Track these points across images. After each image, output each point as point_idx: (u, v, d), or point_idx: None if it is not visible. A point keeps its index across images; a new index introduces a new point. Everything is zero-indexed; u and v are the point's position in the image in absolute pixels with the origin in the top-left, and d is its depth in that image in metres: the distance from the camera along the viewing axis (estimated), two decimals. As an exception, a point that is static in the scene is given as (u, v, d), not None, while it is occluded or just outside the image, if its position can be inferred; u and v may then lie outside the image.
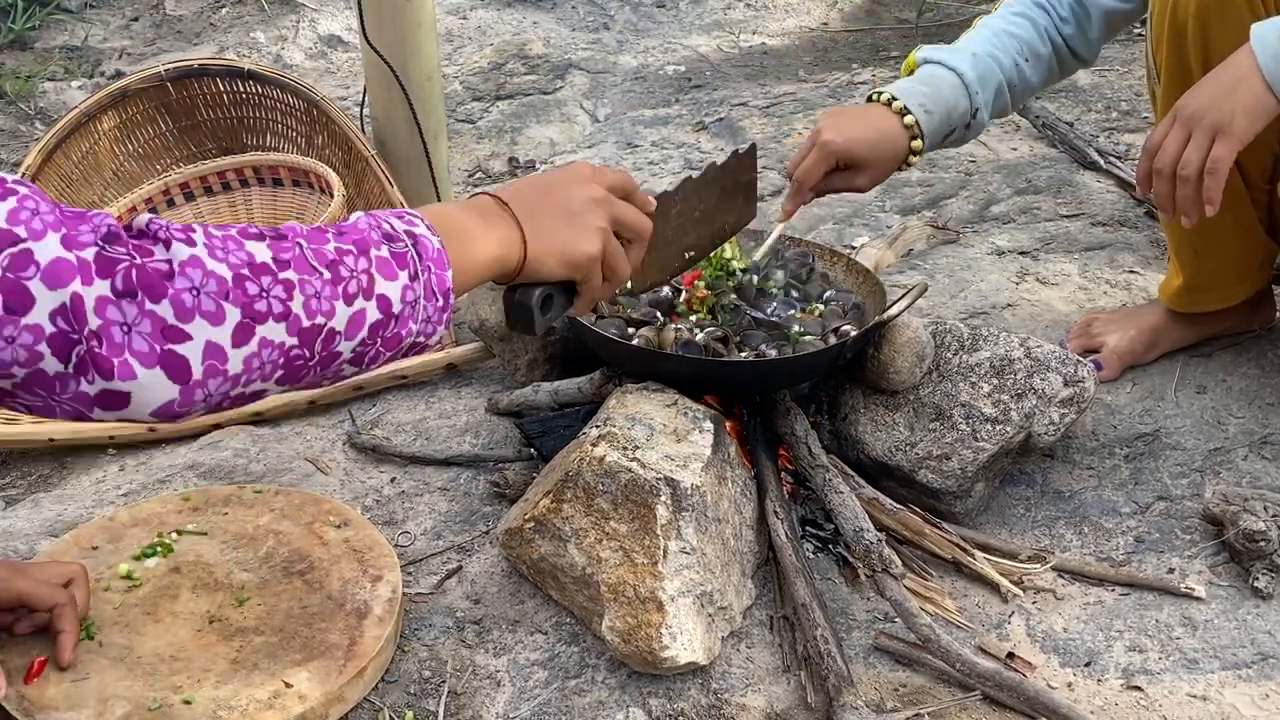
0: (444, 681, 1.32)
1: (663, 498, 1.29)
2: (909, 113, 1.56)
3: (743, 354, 1.51)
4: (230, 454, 1.71)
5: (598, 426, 1.39)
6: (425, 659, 1.35)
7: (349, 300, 0.92)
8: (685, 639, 1.26)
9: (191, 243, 0.86)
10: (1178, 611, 1.41)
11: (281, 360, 0.90)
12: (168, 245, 0.85)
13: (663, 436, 1.37)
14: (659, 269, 1.33)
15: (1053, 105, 2.85)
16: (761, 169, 2.59)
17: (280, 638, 1.30)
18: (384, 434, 1.78)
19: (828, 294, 1.67)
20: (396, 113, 2.13)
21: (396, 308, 0.95)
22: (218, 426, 1.79)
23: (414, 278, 0.97)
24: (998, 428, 1.50)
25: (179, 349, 0.84)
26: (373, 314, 0.94)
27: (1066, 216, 2.36)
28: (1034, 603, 1.43)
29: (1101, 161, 2.52)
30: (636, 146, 2.84)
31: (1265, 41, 1.33)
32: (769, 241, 1.67)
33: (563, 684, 1.31)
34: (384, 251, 0.95)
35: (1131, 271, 2.14)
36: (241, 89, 2.23)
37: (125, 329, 0.81)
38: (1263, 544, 1.42)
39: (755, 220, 1.57)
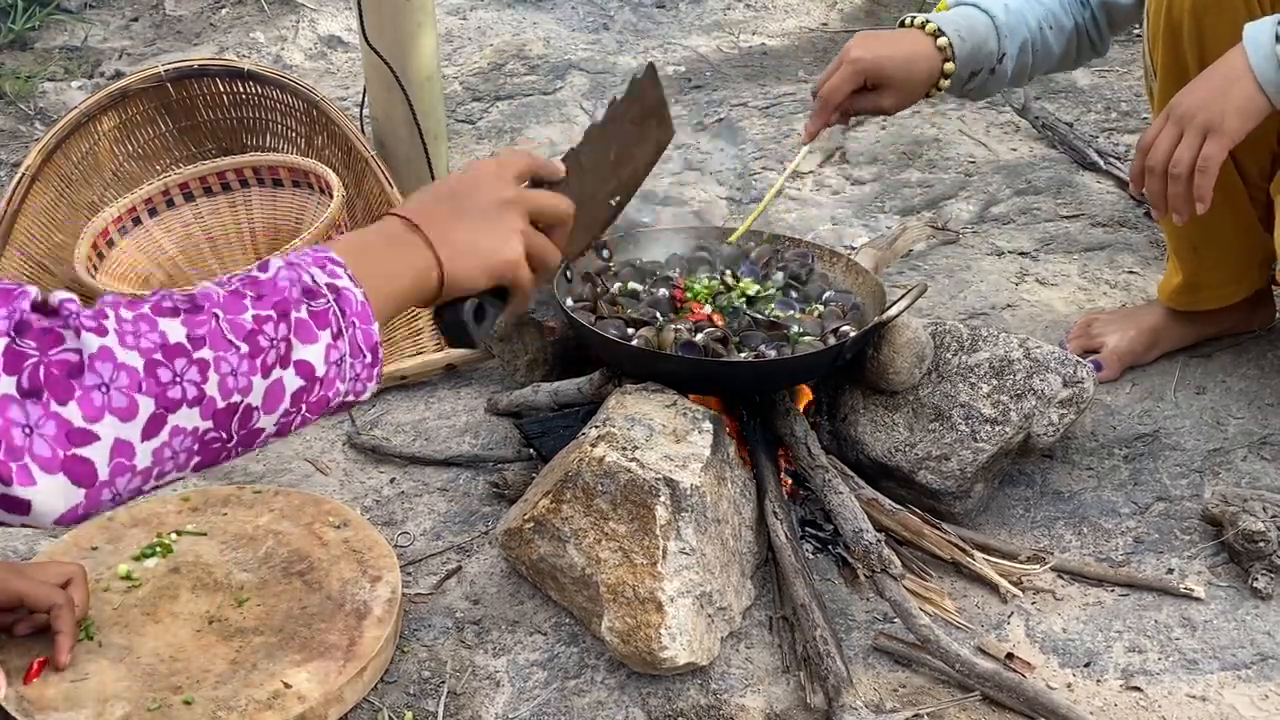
0: (443, 682, 1.32)
1: (662, 498, 1.29)
2: (943, 34, 1.55)
3: (742, 354, 1.51)
4: (230, 454, 1.71)
5: (597, 427, 1.39)
6: (425, 659, 1.35)
7: (267, 372, 0.87)
8: (684, 639, 1.26)
9: (103, 331, 0.81)
10: (1177, 612, 1.41)
11: (196, 446, 0.86)
12: (78, 333, 0.80)
13: (662, 437, 1.37)
14: (586, 229, 1.25)
15: (1052, 106, 2.85)
16: (760, 169, 2.59)
17: (279, 638, 1.30)
18: (383, 434, 1.78)
19: (827, 294, 1.67)
20: (396, 113, 2.13)
21: (320, 370, 0.90)
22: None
23: (337, 335, 0.91)
24: (997, 428, 1.50)
25: (84, 452, 0.79)
26: (293, 382, 0.89)
27: (1066, 217, 2.36)
28: (1033, 603, 1.43)
29: (1101, 162, 2.52)
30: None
31: (1257, 42, 1.33)
32: (794, 163, 1.68)
33: (562, 684, 1.31)
34: (304, 312, 0.90)
35: (1131, 272, 2.14)
36: (241, 89, 2.23)
37: (27, 431, 0.77)
38: (1262, 544, 1.42)
39: (775, 147, 1.54)
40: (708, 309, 1.57)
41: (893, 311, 1.49)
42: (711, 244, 1.76)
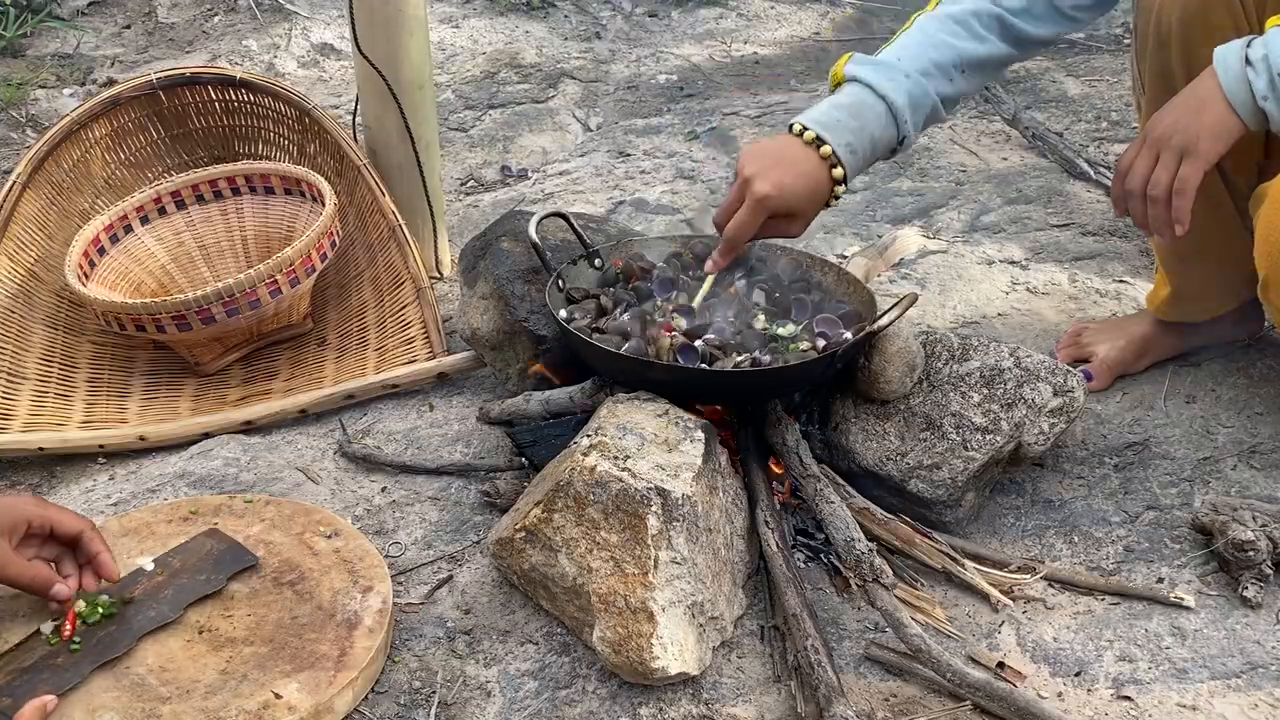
0: (434, 692, 1.31)
1: (653, 507, 1.29)
2: (837, 161, 1.51)
3: (739, 358, 1.51)
4: (221, 463, 1.70)
5: (589, 436, 1.39)
6: (416, 669, 1.35)
7: None
8: (676, 649, 1.26)
9: None
10: (1167, 621, 1.41)
11: None
12: None
13: (654, 446, 1.37)
14: None
15: (1042, 115, 2.87)
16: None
17: (270, 648, 1.29)
18: (375, 443, 1.77)
19: (820, 301, 1.66)
20: (389, 121, 2.13)
21: None
22: (208, 435, 1.78)
23: None
24: (988, 437, 1.51)
25: None
26: None
27: (1056, 226, 2.37)
28: (1024, 612, 1.43)
29: (1091, 171, 2.53)
30: (628, 155, 2.85)
31: (1227, 64, 1.35)
32: (703, 290, 1.62)
33: (553, 694, 1.31)
34: None
35: (1121, 281, 2.15)
36: (233, 97, 2.23)
37: None
38: (1251, 554, 1.42)
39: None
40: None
41: (884, 321, 1.50)
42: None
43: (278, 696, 1.22)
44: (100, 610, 1.32)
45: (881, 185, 2.59)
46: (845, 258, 2.22)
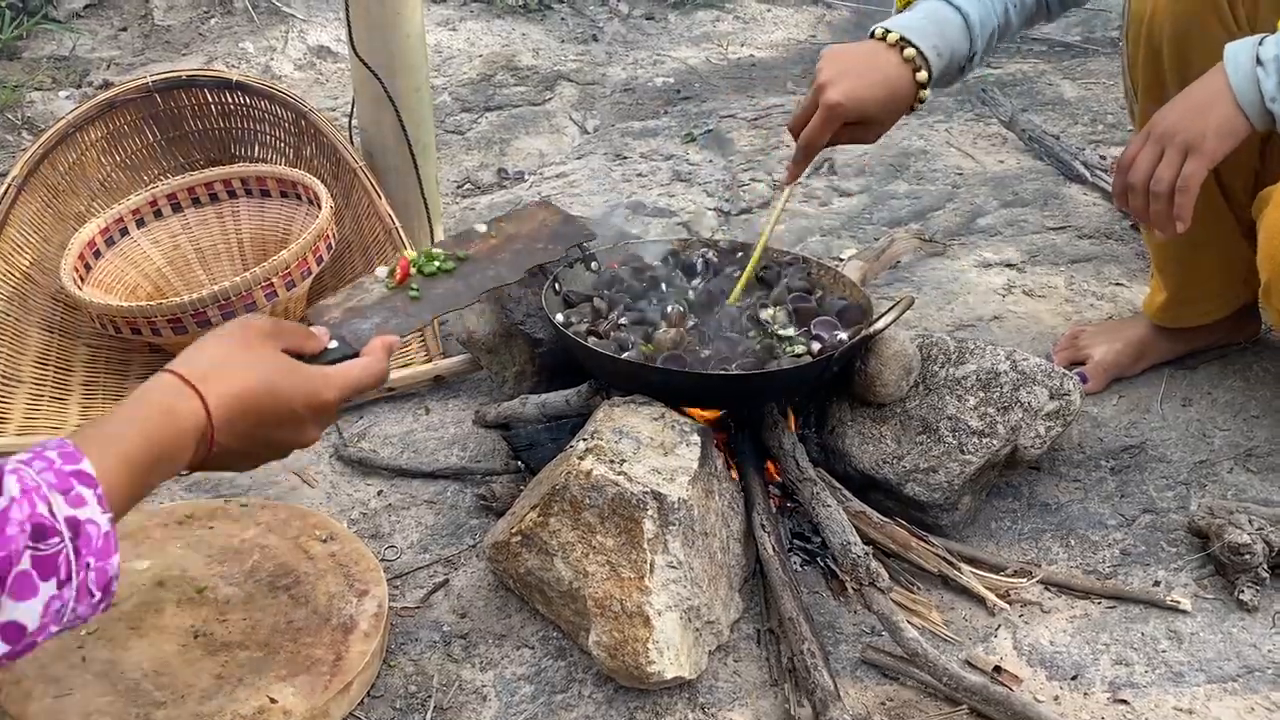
0: (430, 696, 1.31)
1: (649, 511, 1.29)
2: (921, 63, 1.46)
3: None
4: (216, 467, 1.70)
5: (585, 440, 1.39)
6: (411, 674, 1.34)
7: None
8: (672, 653, 1.26)
9: None
10: (1163, 624, 1.41)
11: None
12: None
13: (650, 450, 1.37)
14: None
15: (1039, 118, 2.87)
16: (749, 180, 2.60)
17: (265, 653, 1.29)
18: (371, 446, 1.77)
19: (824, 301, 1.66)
20: (385, 124, 2.13)
21: (33, 626, 0.80)
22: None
23: (64, 583, 0.81)
24: (984, 441, 1.51)
25: None
26: None
27: (1053, 229, 2.37)
28: (1021, 615, 1.43)
29: (1088, 174, 2.53)
30: (625, 158, 2.85)
31: (1237, 62, 1.33)
32: (780, 204, 1.60)
33: (549, 699, 1.30)
34: (26, 563, 0.78)
35: (1118, 284, 2.16)
36: (229, 100, 2.23)
37: None
38: (1248, 557, 1.42)
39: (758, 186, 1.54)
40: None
41: (880, 324, 1.50)
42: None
43: (273, 701, 1.22)
44: (436, 263, 1.25)
45: (878, 188, 2.59)
46: (842, 260, 2.22)
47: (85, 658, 1.27)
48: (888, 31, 1.48)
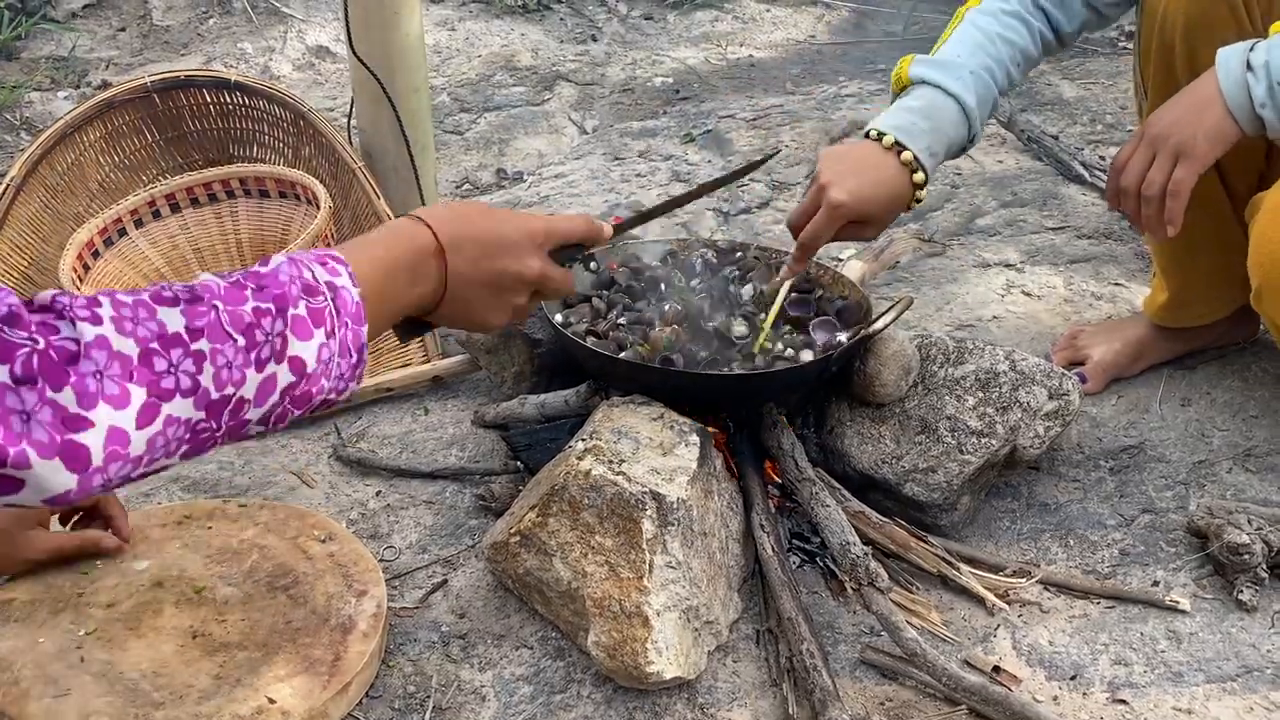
0: (429, 697, 1.31)
1: (648, 512, 1.29)
2: (917, 166, 1.46)
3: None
4: (215, 467, 1.70)
5: (584, 440, 1.38)
6: (410, 674, 1.34)
7: (261, 366, 0.90)
8: (671, 654, 1.26)
9: (98, 320, 0.82)
10: (1163, 624, 1.41)
11: (187, 435, 0.88)
12: (73, 323, 0.81)
13: (649, 450, 1.37)
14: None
15: (1038, 118, 2.87)
16: (748, 180, 2.60)
17: (264, 653, 1.29)
18: (369, 447, 1.77)
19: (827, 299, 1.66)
20: (384, 124, 2.13)
21: (310, 367, 0.93)
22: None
23: (330, 335, 0.94)
24: (983, 441, 1.51)
25: (79, 438, 0.80)
26: (285, 377, 0.92)
27: (1052, 229, 2.37)
28: (1020, 616, 1.43)
29: (1087, 174, 2.53)
30: (624, 158, 2.85)
31: (1228, 68, 1.34)
32: (780, 298, 1.58)
33: (548, 699, 1.30)
34: (301, 309, 0.92)
35: (1116, 284, 2.16)
36: (228, 100, 2.23)
37: (24, 417, 0.79)
38: (1247, 557, 1.42)
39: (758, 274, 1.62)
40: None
41: (879, 324, 1.49)
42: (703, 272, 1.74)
43: (271, 701, 1.22)
44: None
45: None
46: (841, 260, 2.22)
47: (83, 658, 1.27)
48: (882, 134, 1.47)
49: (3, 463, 0.78)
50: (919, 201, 1.50)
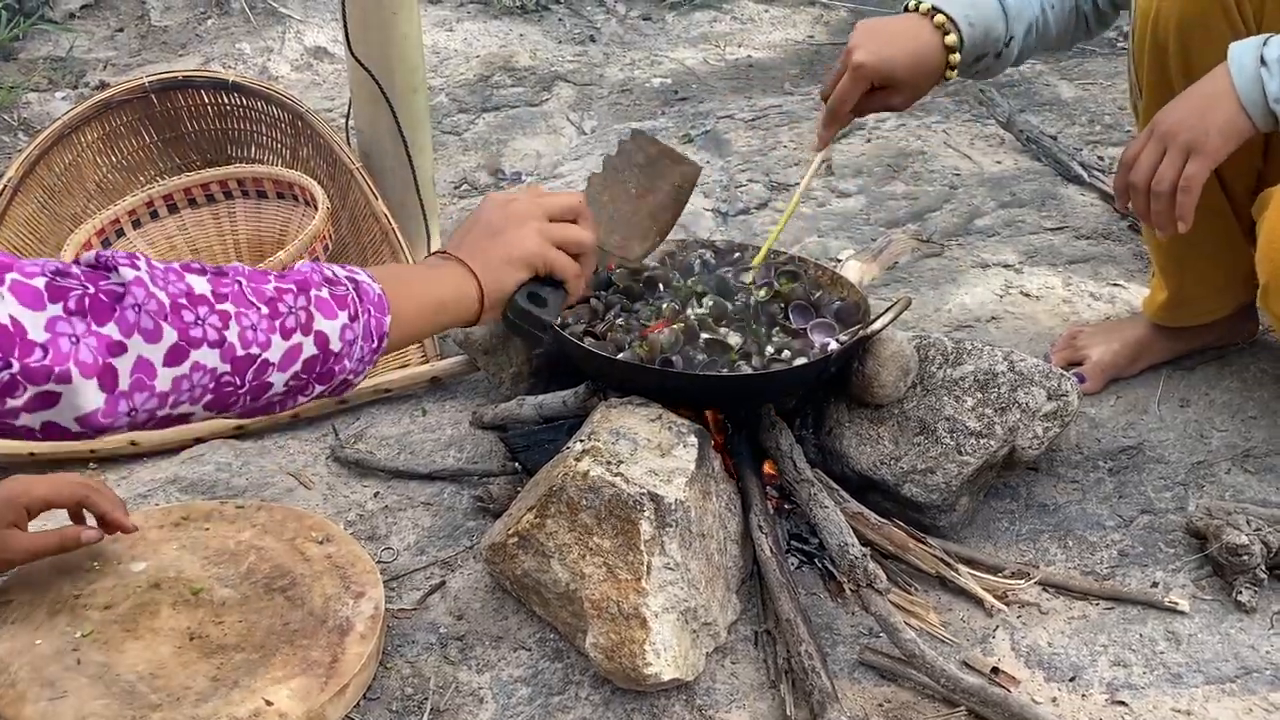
0: (426, 699, 1.31)
1: (646, 513, 1.29)
2: (951, 28, 1.48)
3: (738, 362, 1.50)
4: (212, 468, 1.70)
5: (582, 441, 1.38)
6: (408, 676, 1.34)
7: (286, 335, 0.96)
8: (669, 655, 1.25)
9: (136, 267, 0.91)
10: (1161, 626, 1.41)
11: (211, 385, 0.94)
12: (117, 269, 0.90)
13: (647, 451, 1.37)
14: (639, 237, 1.43)
15: (1036, 119, 2.87)
16: (746, 181, 2.60)
17: (261, 655, 1.29)
18: (367, 448, 1.77)
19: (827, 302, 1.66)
20: (382, 125, 2.12)
21: (335, 345, 0.99)
22: (200, 440, 1.78)
23: (354, 318, 1.01)
24: (982, 441, 1.50)
25: (114, 362, 0.88)
26: (309, 349, 0.98)
27: (1050, 229, 2.37)
28: (1019, 617, 1.43)
29: (1085, 175, 2.53)
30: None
31: (1241, 63, 1.33)
32: (812, 169, 1.61)
33: (546, 701, 1.30)
34: (324, 293, 1.00)
35: (1115, 284, 2.15)
36: (226, 101, 2.22)
37: (74, 340, 0.87)
38: (1246, 558, 1.42)
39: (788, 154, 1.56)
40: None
41: (878, 325, 1.49)
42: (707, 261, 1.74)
43: (269, 703, 1.21)
44: None
45: (876, 189, 2.59)
46: (839, 261, 2.22)
47: (80, 660, 1.27)
48: (919, 2, 1.50)
49: (49, 377, 0.85)
50: (952, 69, 1.51)
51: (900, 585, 1.44)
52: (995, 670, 1.34)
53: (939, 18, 1.49)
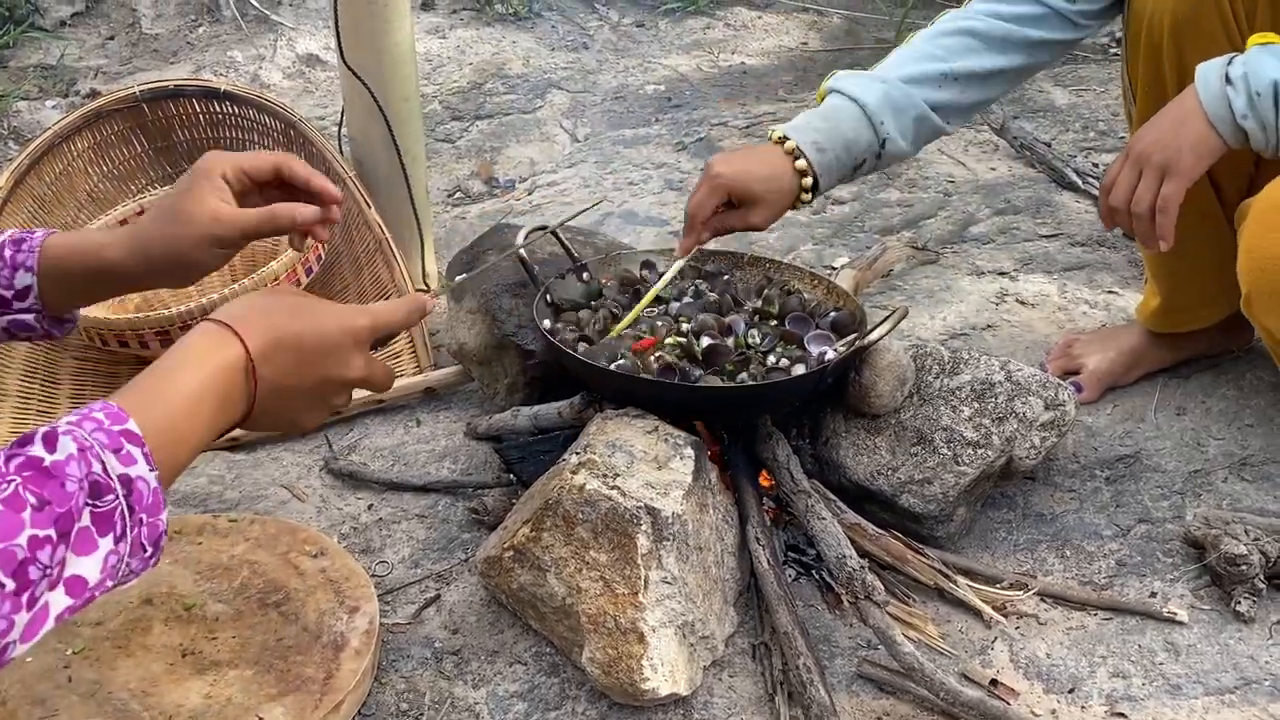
0: (422, 714, 1.30)
1: (643, 527, 1.28)
2: (801, 154, 1.55)
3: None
4: (205, 480, 1.68)
5: (578, 454, 1.37)
6: (403, 691, 1.33)
7: (33, 604, 0.78)
8: (667, 670, 1.24)
9: None
10: (1160, 636, 1.40)
11: None
12: None
13: (643, 464, 1.36)
14: None
15: (1030, 125, 2.87)
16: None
17: (255, 671, 1.27)
18: (361, 459, 1.75)
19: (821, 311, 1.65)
20: (374, 133, 2.11)
21: (93, 581, 0.82)
22: (192, 452, 1.76)
23: (119, 539, 0.83)
24: (979, 451, 1.50)
25: None
26: (60, 602, 0.80)
27: (1045, 236, 2.37)
28: (1017, 628, 1.42)
29: (1080, 181, 2.53)
30: (616, 167, 2.84)
31: (1207, 81, 1.36)
32: (669, 274, 1.63)
33: (542, 716, 1.29)
34: (86, 520, 0.80)
35: (1110, 291, 2.15)
36: (218, 110, 2.21)
37: None
38: (1244, 568, 1.42)
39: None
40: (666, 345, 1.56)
41: (875, 335, 1.49)
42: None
43: (262, 721, 1.20)
44: None
45: (870, 196, 2.59)
46: (834, 269, 2.22)
47: (71, 678, 1.26)
48: (773, 131, 1.59)
49: None
50: (808, 193, 1.57)
51: (898, 597, 1.43)
52: (994, 682, 1.33)
53: (789, 144, 1.56)
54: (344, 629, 1.33)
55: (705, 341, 1.54)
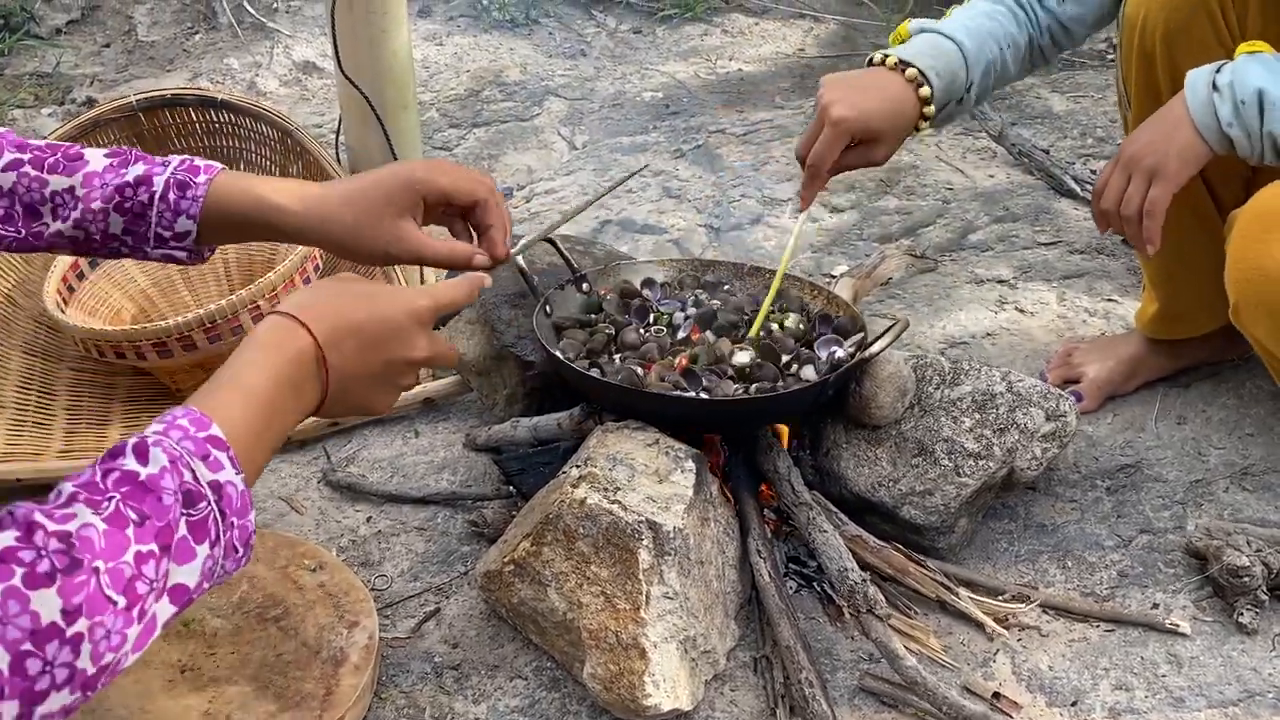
0: (422, 730, 1.29)
1: (645, 541, 1.27)
2: (924, 80, 1.48)
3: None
4: (202, 493, 1.67)
5: (578, 467, 1.37)
6: (403, 706, 1.32)
7: (142, 616, 0.80)
8: (668, 685, 1.24)
9: None
10: (1163, 648, 1.40)
11: (61, 715, 0.77)
12: None
13: (644, 477, 1.35)
14: None
15: (1029, 132, 2.86)
16: (739, 196, 2.59)
17: (254, 687, 1.27)
18: (360, 471, 1.75)
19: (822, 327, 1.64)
20: (372, 142, 2.11)
21: (194, 586, 0.85)
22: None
23: (215, 543, 0.85)
24: (980, 463, 1.49)
25: None
26: (166, 611, 0.83)
27: (1044, 244, 2.37)
28: (1019, 640, 1.41)
29: (1078, 189, 2.53)
30: (614, 174, 2.83)
31: (1195, 89, 1.36)
32: (795, 234, 1.58)
33: (544, 731, 1.28)
34: (183, 529, 0.83)
35: (1110, 299, 2.15)
36: (214, 118, 2.20)
37: None
38: (1247, 579, 1.41)
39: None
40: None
41: (876, 347, 1.48)
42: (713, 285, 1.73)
43: (262, 738, 1.20)
44: None
45: (868, 204, 2.58)
46: (833, 278, 2.21)
47: (69, 695, 1.24)
48: (886, 57, 1.51)
49: None
50: (926, 120, 1.51)
51: (900, 609, 1.43)
52: (997, 695, 1.32)
53: (910, 71, 1.49)
54: (343, 644, 1.32)
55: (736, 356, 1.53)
